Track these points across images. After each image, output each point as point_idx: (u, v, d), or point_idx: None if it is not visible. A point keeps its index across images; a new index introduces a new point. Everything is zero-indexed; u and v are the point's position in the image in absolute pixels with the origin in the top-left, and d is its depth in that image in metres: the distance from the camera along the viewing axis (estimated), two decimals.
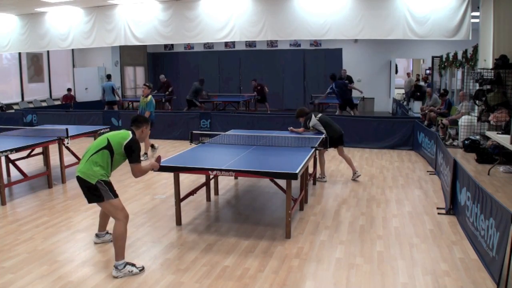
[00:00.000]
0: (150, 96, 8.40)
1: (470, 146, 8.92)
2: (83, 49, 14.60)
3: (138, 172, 4.01)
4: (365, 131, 9.98)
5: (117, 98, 14.10)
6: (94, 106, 14.56)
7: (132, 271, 3.87)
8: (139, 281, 3.74)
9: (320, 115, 6.95)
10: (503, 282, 3.42)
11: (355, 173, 7.13)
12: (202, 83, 14.17)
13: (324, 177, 7.08)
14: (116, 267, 3.85)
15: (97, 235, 4.60)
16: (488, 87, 8.79)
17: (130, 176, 4.75)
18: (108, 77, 14.48)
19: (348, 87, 12.60)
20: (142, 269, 3.94)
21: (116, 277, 3.81)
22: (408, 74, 18.24)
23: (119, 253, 3.88)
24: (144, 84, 8.46)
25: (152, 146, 9.01)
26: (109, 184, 3.92)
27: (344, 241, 4.58)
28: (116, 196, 3.94)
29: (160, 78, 16.10)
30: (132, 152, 3.93)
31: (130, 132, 4.02)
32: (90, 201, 3.96)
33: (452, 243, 4.51)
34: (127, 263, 3.90)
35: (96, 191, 3.84)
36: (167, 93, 15.48)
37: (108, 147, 3.89)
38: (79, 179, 3.89)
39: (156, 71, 19.64)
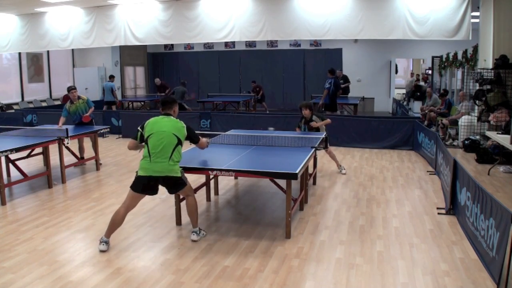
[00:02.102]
0: (85, 96, 8.30)
1: (470, 146, 8.92)
2: (83, 49, 14.61)
3: (204, 145, 4.80)
4: (365, 131, 9.97)
5: (116, 99, 14.16)
6: (94, 106, 14.53)
7: (205, 234, 4.70)
8: (139, 281, 3.74)
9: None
10: (503, 282, 3.42)
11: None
12: (185, 85, 14.15)
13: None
14: (195, 232, 4.59)
15: (106, 243, 4.37)
16: (488, 87, 8.79)
17: (130, 176, 4.75)
18: (110, 77, 14.52)
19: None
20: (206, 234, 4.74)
21: (195, 241, 4.52)
22: (411, 74, 18.24)
23: (196, 220, 4.60)
24: (72, 89, 8.09)
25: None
26: None
27: (344, 241, 4.58)
28: None
29: (155, 81, 16.33)
30: (191, 133, 4.52)
31: (175, 119, 4.46)
32: (174, 192, 4.58)
33: (452, 243, 4.51)
34: (200, 229, 4.69)
35: (182, 180, 4.40)
36: (165, 94, 15.73)
37: (180, 142, 4.36)
38: (167, 178, 4.30)
39: (156, 71, 19.66)
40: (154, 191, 4.42)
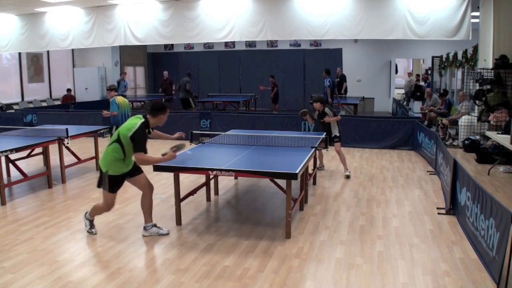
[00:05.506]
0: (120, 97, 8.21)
1: (470, 146, 8.92)
2: (83, 49, 14.61)
3: (140, 161, 4.37)
4: (365, 131, 9.98)
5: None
6: (94, 106, 14.54)
7: (158, 232, 4.71)
8: (139, 281, 3.74)
9: None
10: (503, 282, 3.42)
11: (347, 171, 7.32)
12: (190, 76, 13.65)
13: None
14: (145, 228, 4.73)
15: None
16: (488, 87, 8.79)
17: None
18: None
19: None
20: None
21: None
22: (409, 73, 18.24)
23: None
24: (108, 89, 8.18)
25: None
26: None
27: (344, 241, 4.58)
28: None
29: (164, 74, 16.34)
30: (134, 142, 4.29)
31: (140, 121, 4.33)
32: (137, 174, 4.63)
33: (452, 243, 4.51)
34: (154, 225, 4.74)
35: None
36: (164, 94, 15.64)
37: (118, 140, 4.34)
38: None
39: (156, 71, 19.67)
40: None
